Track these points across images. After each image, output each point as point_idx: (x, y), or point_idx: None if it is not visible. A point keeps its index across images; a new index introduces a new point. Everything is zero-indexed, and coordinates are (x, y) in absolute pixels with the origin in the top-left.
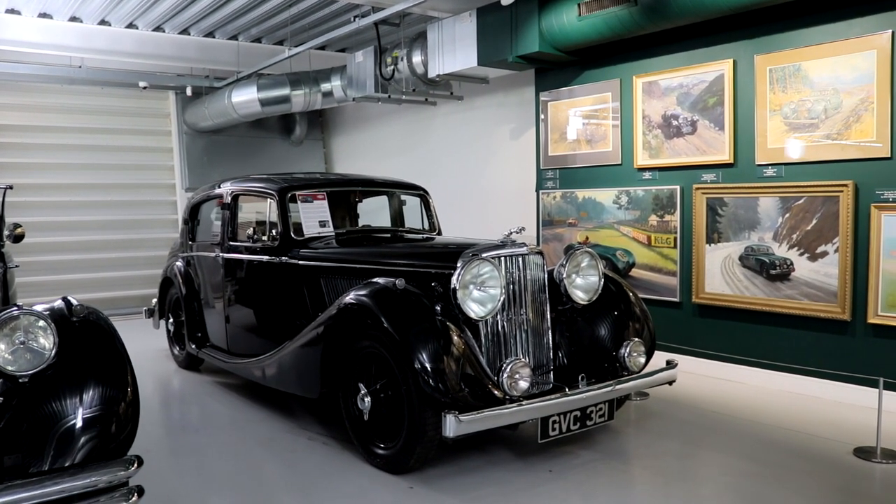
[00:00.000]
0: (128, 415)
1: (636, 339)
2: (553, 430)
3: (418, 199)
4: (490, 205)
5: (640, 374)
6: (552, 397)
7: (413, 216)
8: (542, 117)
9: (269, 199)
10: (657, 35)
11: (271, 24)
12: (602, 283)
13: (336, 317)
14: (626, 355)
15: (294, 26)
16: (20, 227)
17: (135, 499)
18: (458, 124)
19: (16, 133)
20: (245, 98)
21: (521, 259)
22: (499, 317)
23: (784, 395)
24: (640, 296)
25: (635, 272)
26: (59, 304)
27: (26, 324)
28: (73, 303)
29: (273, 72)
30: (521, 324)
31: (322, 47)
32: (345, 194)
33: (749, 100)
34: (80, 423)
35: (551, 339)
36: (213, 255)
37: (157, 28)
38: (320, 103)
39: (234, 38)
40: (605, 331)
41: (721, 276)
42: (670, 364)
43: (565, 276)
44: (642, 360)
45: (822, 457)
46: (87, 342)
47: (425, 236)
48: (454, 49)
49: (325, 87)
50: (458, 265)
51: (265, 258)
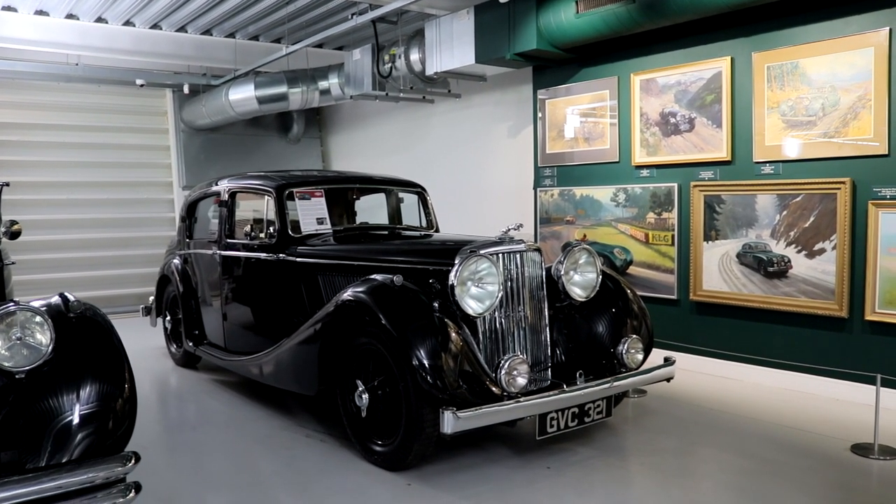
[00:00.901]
0: (125, 411)
1: (634, 335)
2: (551, 426)
3: (416, 197)
4: (488, 202)
5: (638, 371)
6: (550, 394)
7: (411, 214)
8: (539, 115)
9: (266, 197)
10: (655, 32)
11: (268, 22)
12: (600, 280)
13: (334, 313)
14: (623, 352)
15: (291, 24)
16: (17, 223)
17: (132, 495)
18: (455, 122)
19: (12, 131)
20: (242, 96)
21: (518, 256)
22: (496, 314)
23: (781, 392)
24: (638, 293)
25: (633, 270)
26: (55, 300)
27: (23, 319)
28: (70, 299)
29: (270, 70)
30: (519, 321)
31: (319, 45)
32: (342, 192)
33: (747, 97)
34: (76, 420)
35: (549, 336)
36: (210, 252)
37: (154, 26)
38: (318, 101)
39: (232, 35)
40: (602, 328)
41: (719, 273)
42: (668, 361)
43: (563, 273)
44: (640, 356)
45: (819, 453)
46: (84, 338)
47: (423, 233)
48: (452, 46)
49: (323, 84)
50: (456, 262)
51: (262, 255)
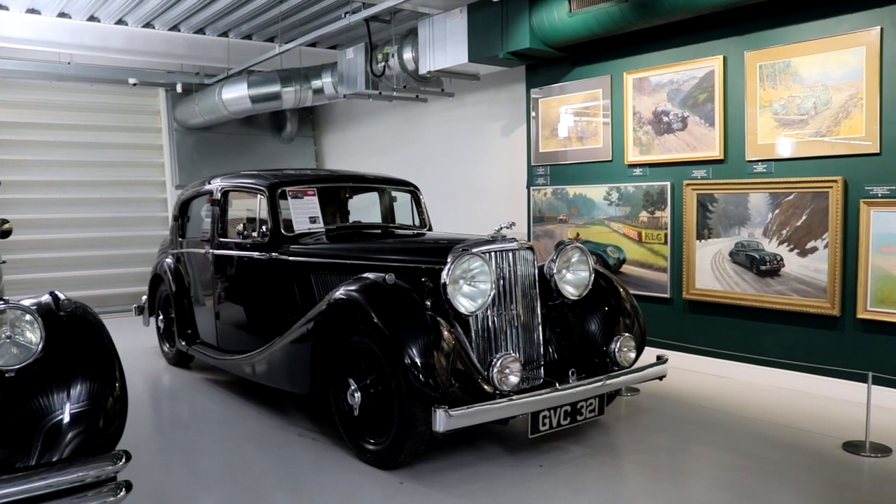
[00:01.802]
0: (115, 410)
1: (626, 334)
2: (543, 425)
3: (409, 196)
4: (481, 201)
5: (631, 370)
6: (542, 392)
7: (403, 213)
8: (532, 114)
9: (258, 196)
10: (648, 31)
11: (262, 21)
12: (592, 278)
13: (326, 312)
14: (616, 350)
15: (285, 23)
16: (7, 222)
17: (123, 493)
18: (448, 121)
19: (4, 129)
20: (235, 95)
21: (511, 254)
22: (489, 312)
23: (773, 390)
24: (631, 292)
25: (626, 268)
26: (46, 298)
27: (13, 318)
28: (61, 297)
29: (263, 69)
30: (512, 319)
31: (313, 44)
32: (335, 190)
33: (739, 96)
34: (67, 418)
35: (541, 334)
36: (202, 251)
37: (147, 24)
38: (311, 100)
39: (225, 34)
40: (595, 326)
41: (711, 271)
42: (661, 359)
43: (556, 271)
44: (632, 355)
45: (811, 451)
46: (75, 337)
47: (416, 232)
48: (445, 45)
49: (316, 83)
50: (449, 260)
51: (255, 254)
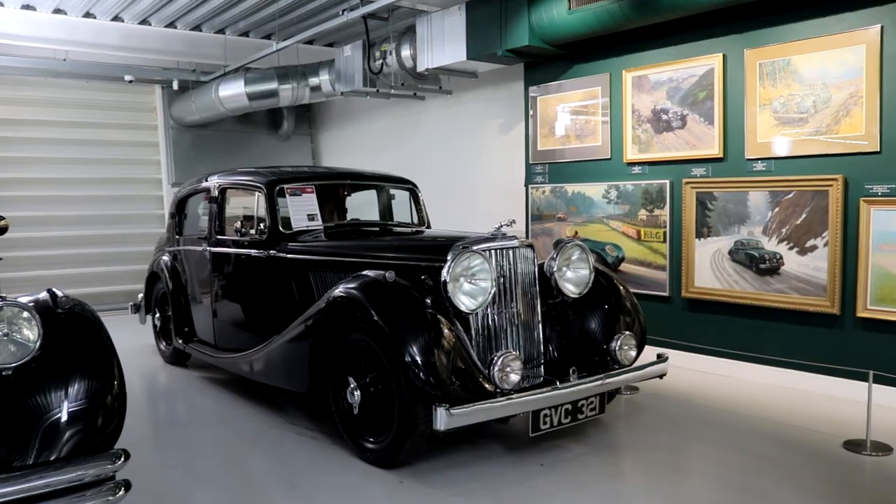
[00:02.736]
0: (114, 408)
1: (627, 332)
2: (544, 423)
3: (407, 193)
4: (479, 200)
5: (631, 368)
6: (543, 390)
7: (402, 211)
8: (531, 112)
9: (256, 193)
10: (647, 29)
11: (259, 18)
12: (593, 276)
13: (325, 310)
14: (616, 349)
15: (282, 20)
16: (3, 219)
17: (122, 493)
18: (446, 119)
19: None
20: (232, 92)
21: (511, 252)
22: (489, 310)
23: (773, 388)
24: (630, 290)
25: (625, 267)
26: (44, 295)
27: (10, 315)
28: (59, 294)
29: (260, 66)
30: (512, 317)
31: (310, 42)
32: (333, 188)
33: (739, 94)
34: (65, 417)
35: (542, 332)
36: (200, 249)
37: (143, 21)
38: (308, 97)
39: (222, 31)
40: (595, 324)
41: (711, 270)
42: (661, 358)
43: (556, 269)
44: (633, 353)
45: (812, 450)
46: (73, 334)
47: (414, 230)
48: (443, 43)
49: (314, 81)
50: (449, 258)
51: (253, 252)
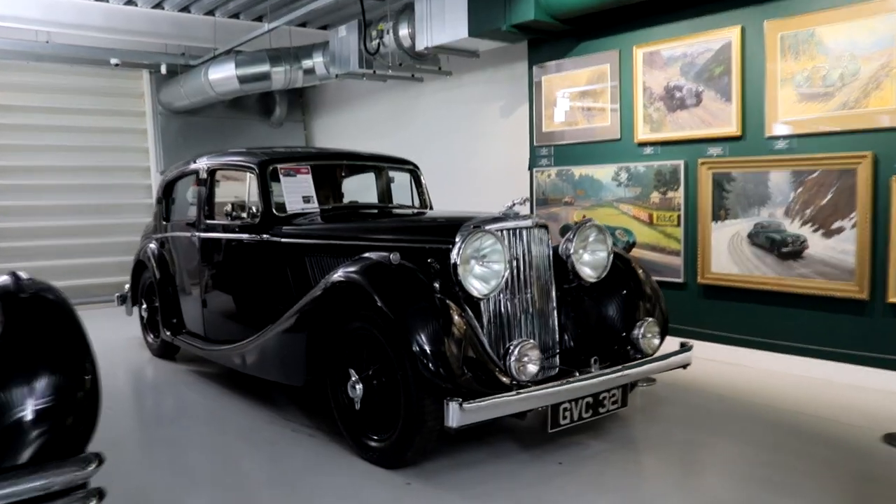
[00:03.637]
0: (86, 406)
1: (650, 319)
2: (564, 418)
3: (408, 175)
4: (480, 185)
5: (655, 358)
6: (564, 382)
7: (402, 195)
8: (535, 92)
9: (248, 174)
10: (659, 2)
11: None
12: (611, 259)
13: (323, 296)
14: (639, 336)
15: (274, 1)
16: None
17: (94, 502)
18: (445, 102)
19: None
20: (223, 75)
21: (525, 233)
22: (501, 296)
23: (797, 378)
24: None
25: (636, 252)
26: (5, 279)
27: None
28: (23, 277)
29: (252, 48)
30: (526, 304)
31: (303, 24)
32: (329, 170)
33: (758, 68)
34: (30, 416)
35: (556, 319)
36: (188, 235)
37: (129, 2)
38: (301, 81)
39: (211, 13)
40: (614, 311)
41: (728, 254)
42: (685, 346)
43: (572, 251)
44: (657, 341)
45: (847, 444)
46: (39, 322)
47: (417, 211)
48: (443, 20)
49: (307, 63)
50: (458, 239)
51: (245, 237)
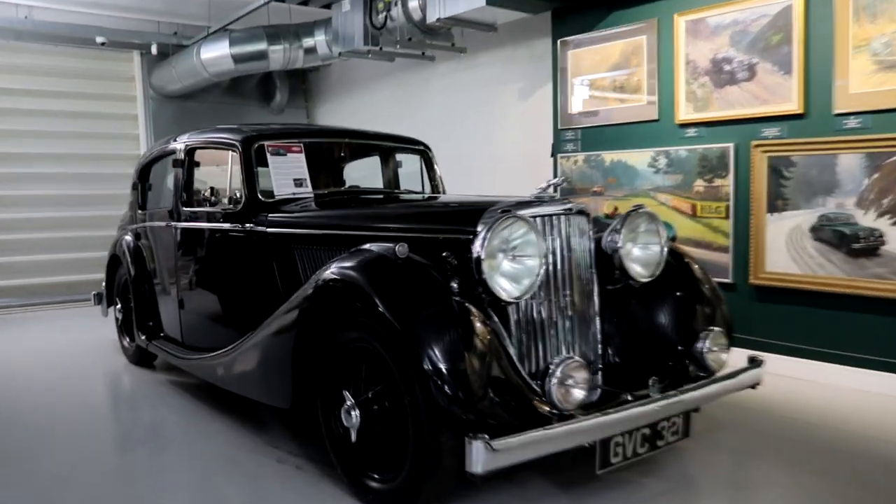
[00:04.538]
0: None
1: (717, 328)
2: (615, 455)
3: (418, 157)
4: (497, 175)
5: (723, 376)
6: (620, 409)
7: (411, 183)
8: (560, 69)
9: (230, 152)
10: None
11: None
12: (666, 253)
13: (312, 298)
14: (704, 350)
15: None
16: None
17: None
18: (459, 84)
19: None
20: (216, 54)
21: (563, 220)
22: (533, 299)
23: (874, 397)
24: None
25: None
26: None
27: None
28: None
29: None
30: (563, 308)
31: (304, 3)
32: (327, 150)
33: (826, 35)
34: None
35: (599, 328)
36: (165, 225)
37: None
38: (302, 61)
39: None
40: (669, 317)
41: (787, 251)
42: (755, 362)
43: (620, 244)
44: (725, 356)
45: None
46: None
47: (429, 196)
48: None
49: (308, 42)
50: (482, 227)
51: (226, 226)
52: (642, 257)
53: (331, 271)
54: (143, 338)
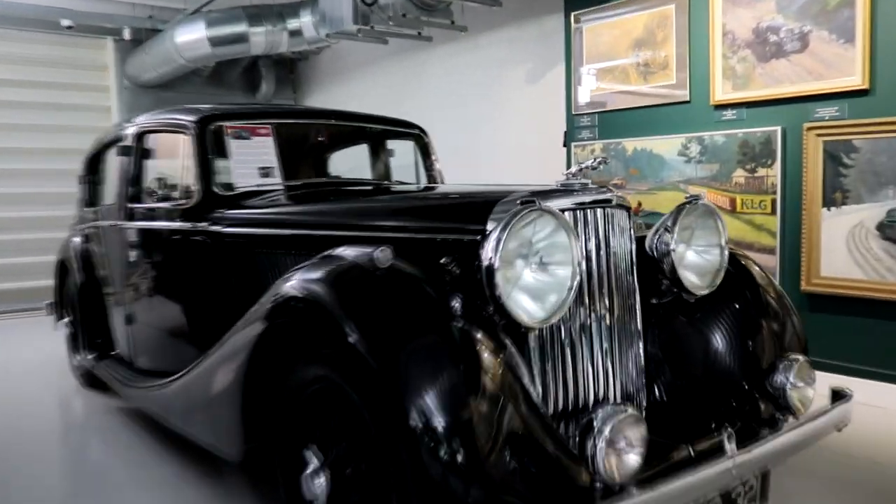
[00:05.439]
0: None
1: (799, 357)
2: None
3: (412, 143)
4: (502, 166)
5: (807, 418)
6: (682, 474)
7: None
8: (574, 46)
9: (182, 136)
10: None
11: None
12: (727, 258)
13: (268, 319)
14: (787, 385)
15: None
16: None
17: None
18: (458, 68)
19: None
20: (191, 37)
21: (602, 214)
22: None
23: None
24: None
25: None
26: None
27: None
28: None
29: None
30: (599, 329)
31: None
32: (302, 134)
33: None
34: None
35: (642, 353)
36: (113, 224)
37: None
38: (286, 44)
39: None
40: (734, 340)
41: (847, 253)
42: (841, 395)
43: (672, 246)
44: (811, 392)
45: None
46: None
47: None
48: None
49: (293, 23)
50: (494, 224)
51: (175, 225)
52: (699, 264)
53: (291, 285)
54: (91, 357)
